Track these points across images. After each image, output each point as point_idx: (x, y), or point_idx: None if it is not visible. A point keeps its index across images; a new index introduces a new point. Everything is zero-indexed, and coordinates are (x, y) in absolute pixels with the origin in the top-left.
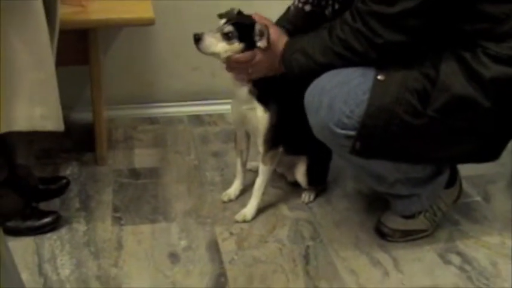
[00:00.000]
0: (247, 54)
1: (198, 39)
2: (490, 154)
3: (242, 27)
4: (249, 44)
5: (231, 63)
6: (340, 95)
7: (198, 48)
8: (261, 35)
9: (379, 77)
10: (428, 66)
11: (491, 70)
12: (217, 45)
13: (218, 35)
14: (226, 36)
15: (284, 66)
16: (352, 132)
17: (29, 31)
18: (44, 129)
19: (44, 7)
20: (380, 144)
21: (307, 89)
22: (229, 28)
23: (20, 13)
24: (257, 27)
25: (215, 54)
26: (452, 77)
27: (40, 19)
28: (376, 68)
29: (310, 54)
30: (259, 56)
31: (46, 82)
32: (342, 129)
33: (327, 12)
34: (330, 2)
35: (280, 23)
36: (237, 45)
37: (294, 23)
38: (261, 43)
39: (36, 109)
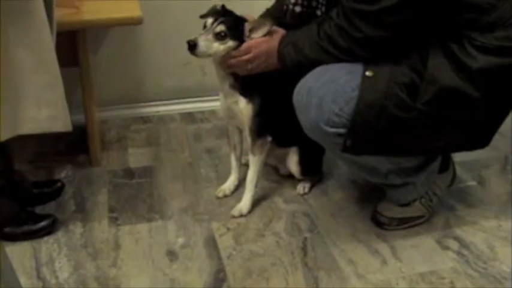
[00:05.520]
0: (242, 48)
1: (193, 45)
2: (480, 142)
3: (232, 24)
4: (242, 40)
5: (230, 63)
6: (328, 94)
7: (194, 54)
8: (252, 30)
9: (367, 73)
10: (416, 59)
11: (479, 61)
12: (212, 46)
13: (211, 36)
14: (219, 36)
15: (278, 59)
16: (342, 130)
17: (32, 34)
18: (50, 130)
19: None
20: (371, 139)
21: (295, 89)
22: (220, 27)
23: (22, 16)
24: (247, 25)
25: (211, 56)
26: (440, 69)
27: (42, 22)
28: (364, 64)
29: (300, 48)
30: (255, 49)
31: (52, 83)
32: (332, 127)
33: (319, 12)
34: (319, 6)
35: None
36: (231, 44)
37: (290, 24)
38: (256, 34)
39: (43, 111)
